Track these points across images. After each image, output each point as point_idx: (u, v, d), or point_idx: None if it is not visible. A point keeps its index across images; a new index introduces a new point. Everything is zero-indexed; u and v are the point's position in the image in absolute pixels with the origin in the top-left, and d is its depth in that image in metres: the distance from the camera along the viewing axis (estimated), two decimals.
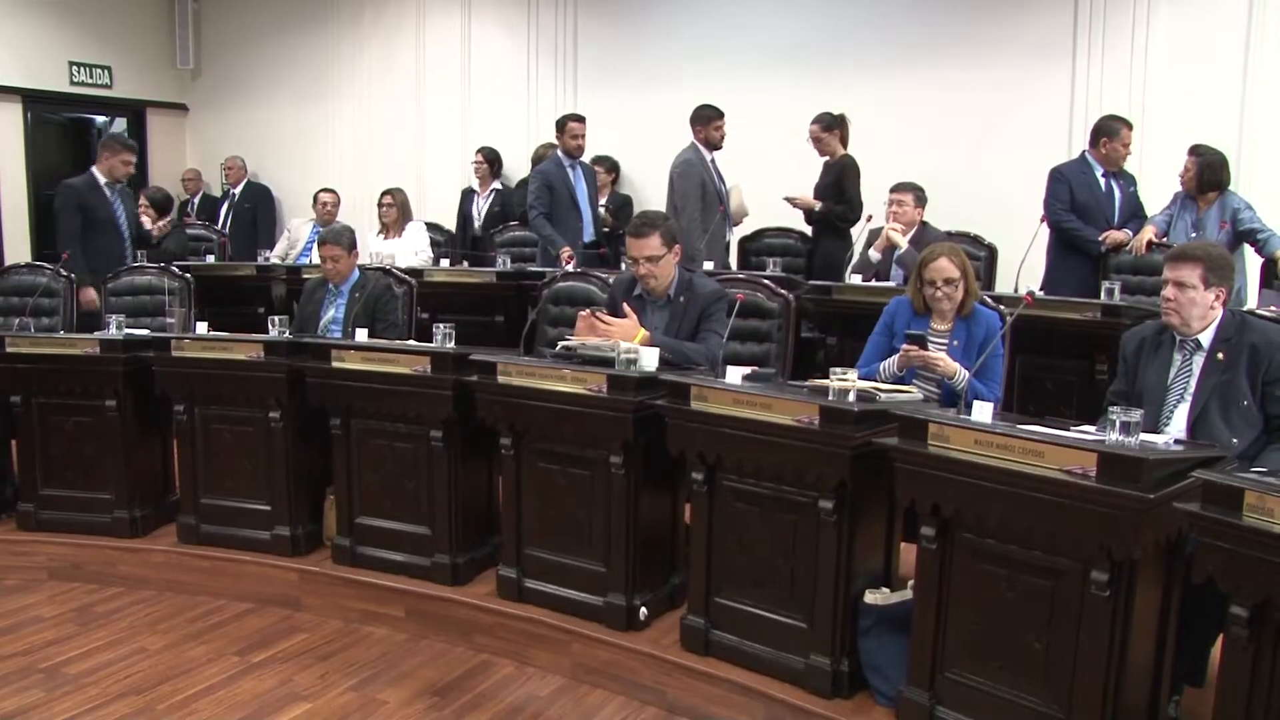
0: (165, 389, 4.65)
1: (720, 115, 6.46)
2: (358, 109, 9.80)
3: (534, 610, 4.02)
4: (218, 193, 10.08)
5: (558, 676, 3.90)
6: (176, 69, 10.60)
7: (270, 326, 4.65)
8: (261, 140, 10.13)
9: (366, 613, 4.35)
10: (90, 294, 6.07)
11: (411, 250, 7.09)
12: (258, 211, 9.63)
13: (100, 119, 10.51)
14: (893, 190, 5.86)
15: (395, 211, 7.32)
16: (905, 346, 3.94)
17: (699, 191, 6.30)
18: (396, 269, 5.76)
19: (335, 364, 4.35)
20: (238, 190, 9.59)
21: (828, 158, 6.56)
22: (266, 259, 7.21)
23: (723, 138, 6.48)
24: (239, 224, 9.37)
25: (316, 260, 6.72)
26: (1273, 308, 4.40)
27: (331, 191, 7.86)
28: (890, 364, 4.05)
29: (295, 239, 8.03)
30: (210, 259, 7.43)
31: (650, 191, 7.87)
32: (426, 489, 4.28)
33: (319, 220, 7.72)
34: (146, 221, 7.16)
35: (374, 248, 7.01)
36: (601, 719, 3.65)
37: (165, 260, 6.48)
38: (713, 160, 6.47)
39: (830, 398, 3.27)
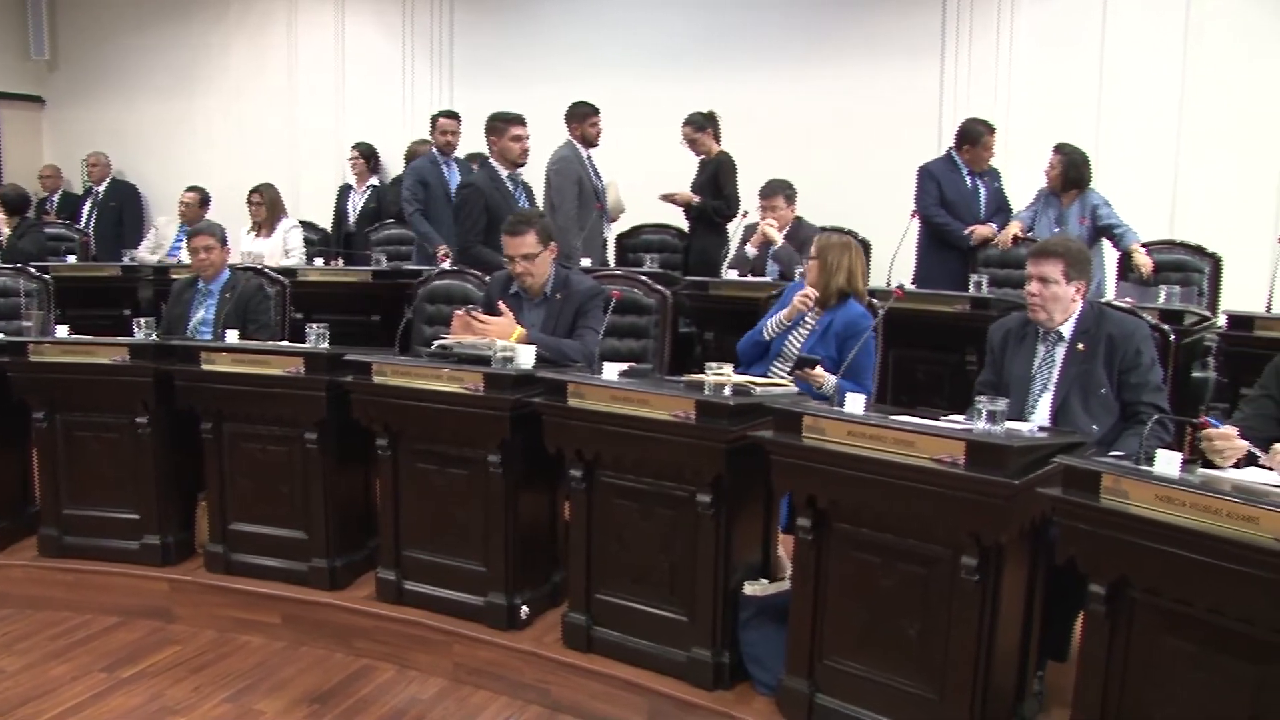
0: (22, 395, 4.45)
1: (596, 112, 6.43)
2: (227, 104, 9.56)
3: (414, 612, 3.97)
4: (79, 190, 9.71)
5: (440, 678, 3.86)
6: (31, 59, 10.18)
7: (135, 329, 4.49)
8: (126, 136, 9.79)
9: (242, 621, 4.24)
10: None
11: (281, 249, 6.94)
12: (123, 210, 9.30)
13: None
14: (762, 196, 5.96)
15: (264, 209, 7.14)
16: (800, 296, 4.20)
17: (575, 189, 6.27)
18: (268, 269, 5.63)
19: (205, 366, 4.23)
20: (101, 188, 9.23)
21: (704, 156, 6.61)
22: (132, 259, 6.98)
23: (599, 134, 6.45)
24: (104, 223, 9.03)
25: (185, 259, 6.53)
26: (1128, 299, 4.59)
27: (195, 190, 7.60)
28: (778, 317, 4.19)
29: (162, 238, 7.79)
30: (71, 259, 7.16)
31: None
32: (302, 492, 4.20)
33: (183, 220, 7.49)
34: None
35: (245, 246, 6.84)
36: (485, 719, 3.62)
37: (21, 260, 6.22)
38: (589, 157, 6.45)
39: (706, 392, 3.30)
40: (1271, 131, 6.28)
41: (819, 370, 3.92)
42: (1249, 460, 2.66)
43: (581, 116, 6.37)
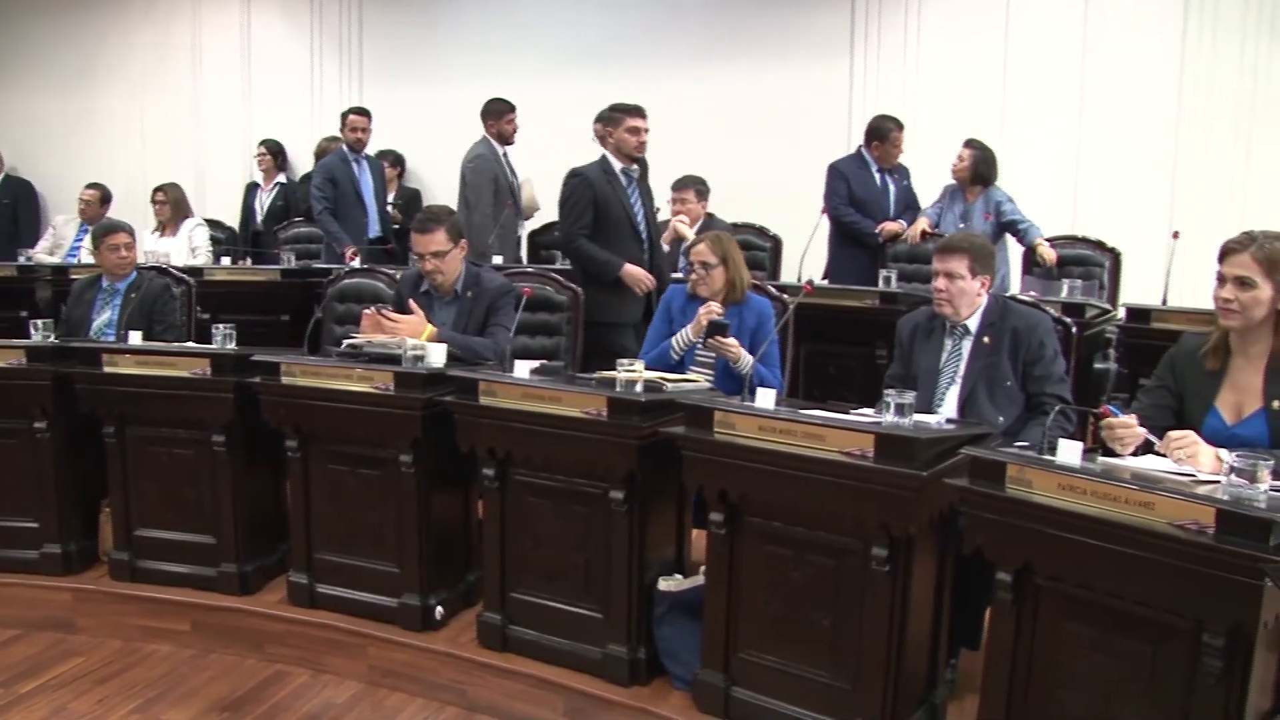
0: None
1: (512, 109, 6.43)
2: (129, 99, 9.32)
3: (327, 616, 3.92)
4: None
5: (354, 682, 3.82)
6: None
7: (33, 330, 4.36)
8: (21, 132, 9.46)
9: (149, 629, 4.14)
10: (636, 272, 4.99)
11: (187, 249, 6.80)
12: (18, 208, 9.02)
13: None
14: (674, 189, 5.99)
15: (168, 209, 6.98)
16: (705, 309, 4.09)
17: (492, 187, 6.26)
18: (173, 268, 5.50)
19: (107, 369, 4.13)
20: None
21: None
22: (29, 259, 6.77)
23: (514, 131, 6.46)
24: None
25: (85, 260, 6.36)
26: (1032, 293, 4.69)
27: (95, 188, 7.39)
28: (684, 335, 4.15)
29: (61, 237, 7.57)
30: None
31: (439, 187, 7.80)
32: (210, 496, 4.12)
33: (83, 219, 7.29)
34: None
35: (149, 246, 6.69)
36: None
37: None
38: (505, 154, 6.44)
39: (617, 389, 3.31)
40: (1166, 130, 6.49)
41: (732, 340, 3.96)
42: (1146, 448, 2.73)
43: (497, 114, 6.41)
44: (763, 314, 4.15)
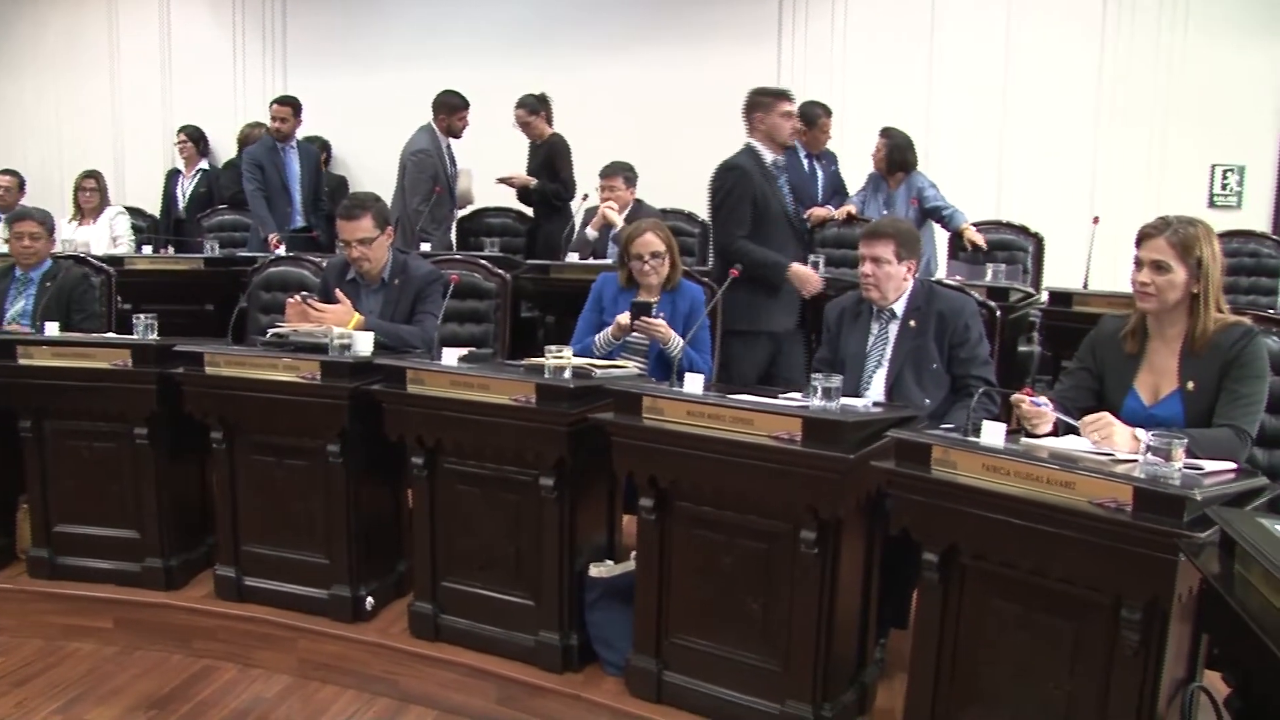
0: None
1: (466, 106, 6.43)
2: (41, 84, 9.12)
3: (256, 609, 3.88)
4: None
5: (285, 675, 3.78)
6: None
7: None
8: None
9: (71, 628, 4.06)
10: (804, 271, 4.60)
11: (108, 238, 6.67)
12: None
13: None
14: (602, 176, 5.97)
15: (97, 196, 6.86)
16: (623, 316, 4.04)
17: (430, 185, 6.22)
18: (93, 257, 5.38)
19: (22, 361, 4.03)
20: None
21: (536, 139, 6.61)
22: None
23: (464, 128, 6.43)
24: None
25: (0, 249, 6.19)
26: (957, 277, 4.75)
27: (10, 174, 7.21)
28: (605, 335, 4.12)
29: None
30: None
31: (365, 173, 7.75)
32: (133, 490, 4.05)
33: None
34: None
35: (66, 235, 6.53)
36: (332, 715, 3.55)
37: None
38: (448, 146, 6.41)
39: (546, 376, 3.30)
40: (1086, 117, 6.62)
41: (658, 320, 3.96)
42: (1068, 429, 2.78)
43: (450, 109, 6.44)
44: (695, 300, 4.16)
